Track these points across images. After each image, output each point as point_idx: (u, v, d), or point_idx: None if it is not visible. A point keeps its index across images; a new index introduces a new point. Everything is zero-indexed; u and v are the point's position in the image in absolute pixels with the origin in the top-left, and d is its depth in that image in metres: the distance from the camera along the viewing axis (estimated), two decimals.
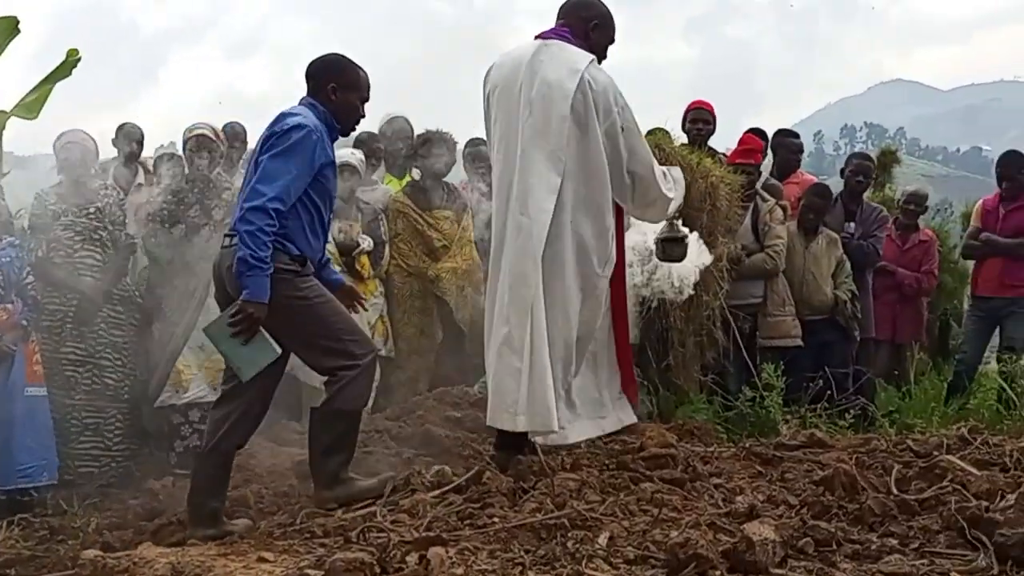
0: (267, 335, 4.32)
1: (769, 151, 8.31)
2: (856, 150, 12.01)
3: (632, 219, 5.24)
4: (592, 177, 4.59)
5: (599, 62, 4.75)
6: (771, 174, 8.28)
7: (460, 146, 7.64)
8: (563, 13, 4.84)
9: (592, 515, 3.63)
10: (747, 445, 4.82)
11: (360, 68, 4.72)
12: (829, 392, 6.76)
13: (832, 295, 7.47)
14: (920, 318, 8.73)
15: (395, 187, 7.61)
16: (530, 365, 4.47)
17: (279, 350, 4.37)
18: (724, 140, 8.19)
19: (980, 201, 8.53)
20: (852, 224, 7.96)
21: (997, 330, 8.27)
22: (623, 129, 4.60)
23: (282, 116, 4.46)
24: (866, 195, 8.48)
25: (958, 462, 4.13)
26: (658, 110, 8.30)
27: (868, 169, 8.40)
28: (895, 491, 3.89)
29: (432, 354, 7.38)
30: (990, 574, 3.12)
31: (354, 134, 6.42)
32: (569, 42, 4.68)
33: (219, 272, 4.53)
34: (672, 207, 5.01)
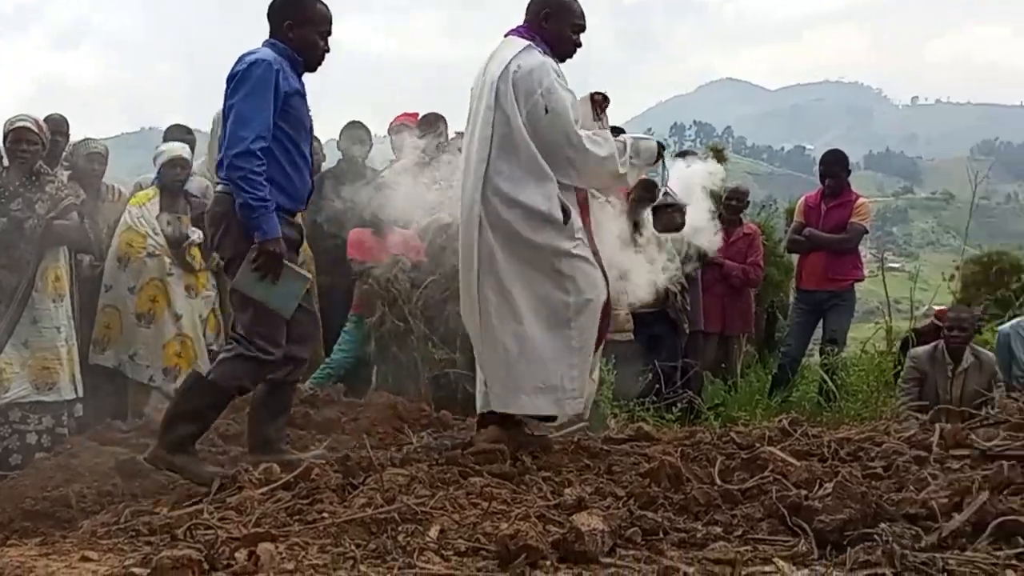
0: (292, 265, 4.48)
1: None
2: (685, 148, 12.23)
3: None
4: (521, 162, 4.59)
5: (566, 49, 4.88)
6: None
7: None
8: (526, 9, 4.89)
9: (422, 509, 3.57)
10: (575, 439, 4.83)
11: (319, 2, 4.72)
12: (658, 386, 6.87)
13: (662, 288, 7.54)
14: (749, 310, 8.97)
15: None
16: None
17: (308, 275, 4.57)
18: None
19: (803, 198, 8.82)
20: None
21: (821, 323, 8.57)
22: (547, 110, 4.58)
23: (241, 58, 4.53)
24: None
25: (779, 453, 4.23)
26: None
27: None
28: (719, 482, 3.97)
29: None
30: (810, 559, 3.21)
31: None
32: (523, 36, 4.77)
33: (210, 216, 4.69)
34: (624, 169, 4.85)
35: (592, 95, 4.90)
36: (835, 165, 8.42)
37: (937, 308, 8.99)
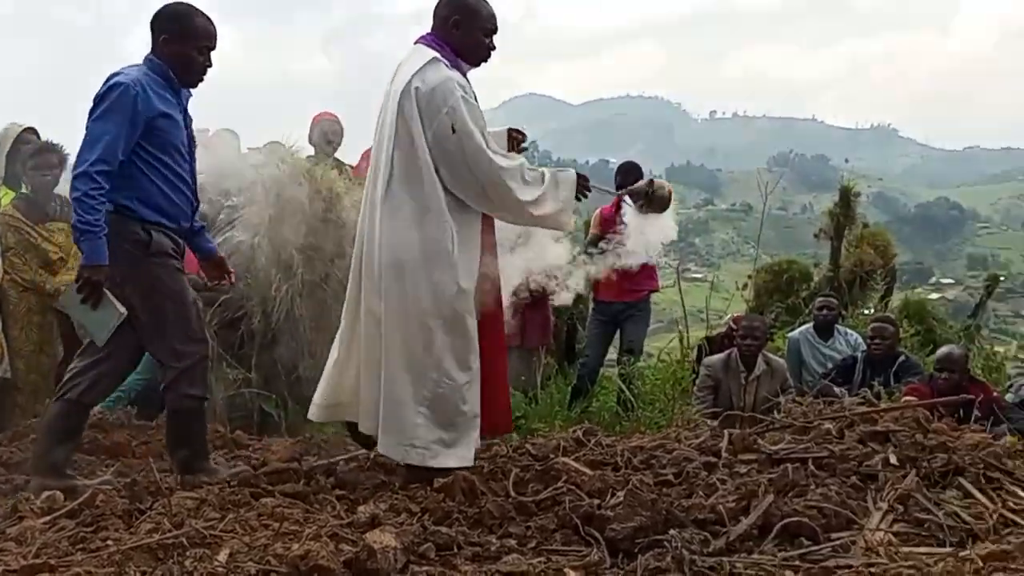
0: (111, 297, 4.35)
1: None
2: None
3: None
4: (423, 183, 4.35)
5: (477, 57, 4.63)
6: None
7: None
8: (433, 15, 4.65)
9: (212, 532, 3.46)
10: (371, 456, 4.76)
11: (197, 15, 4.55)
12: None
13: None
14: (548, 323, 9.02)
15: (6, 199, 7.08)
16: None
17: (124, 310, 4.38)
18: (354, 152, 8.24)
19: (599, 209, 8.94)
20: None
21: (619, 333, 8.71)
22: (454, 130, 4.33)
23: (107, 78, 4.40)
24: None
25: (572, 463, 4.27)
26: (300, 122, 8.25)
27: None
28: (513, 494, 3.97)
29: (52, 372, 6.86)
30: (603, 567, 3.26)
31: None
32: (430, 45, 4.53)
33: None
34: (547, 211, 4.58)
35: (510, 130, 4.84)
36: (630, 176, 8.56)
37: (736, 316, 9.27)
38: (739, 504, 3.64)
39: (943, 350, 7.07)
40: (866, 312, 11.39)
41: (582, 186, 4.70)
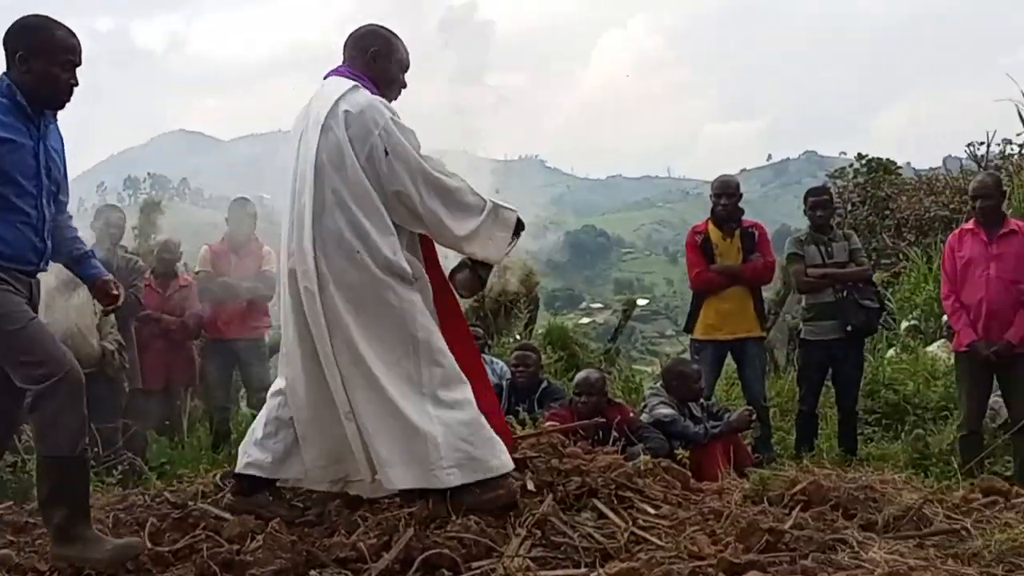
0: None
1: None
2: (142, 200, 11.90)
3: None
4: (359, 209, 4.06)
5: (396, 90, 4.46)
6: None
7: None
8: (345, 48, 4.45)
9: None
10: None
11: (57, 28, 4.00)
12: (96, 449, 6.51)
13: (99, 347, 7.22)
14: (192, 363, 8.74)
15: None
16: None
17: None
18: None
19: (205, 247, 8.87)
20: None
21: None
22: (387, 152, 4.07)
23: None
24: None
25: (212, 509, 4.14)
26: None
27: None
28: (150, 545, 3.80)
29: None
30: None
31: None
32: (347, 77, 4.29)
33: None
34: (471, 247, 4.32)
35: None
36: None
37: None
38: (380, 540, 3.66)
39: (581, 374, 7.33)
40: (511, 340, 11.71)
41: (519, 229, 4.45)
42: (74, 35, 4.07)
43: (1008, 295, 6.65)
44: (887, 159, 18.16)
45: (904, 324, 11.42)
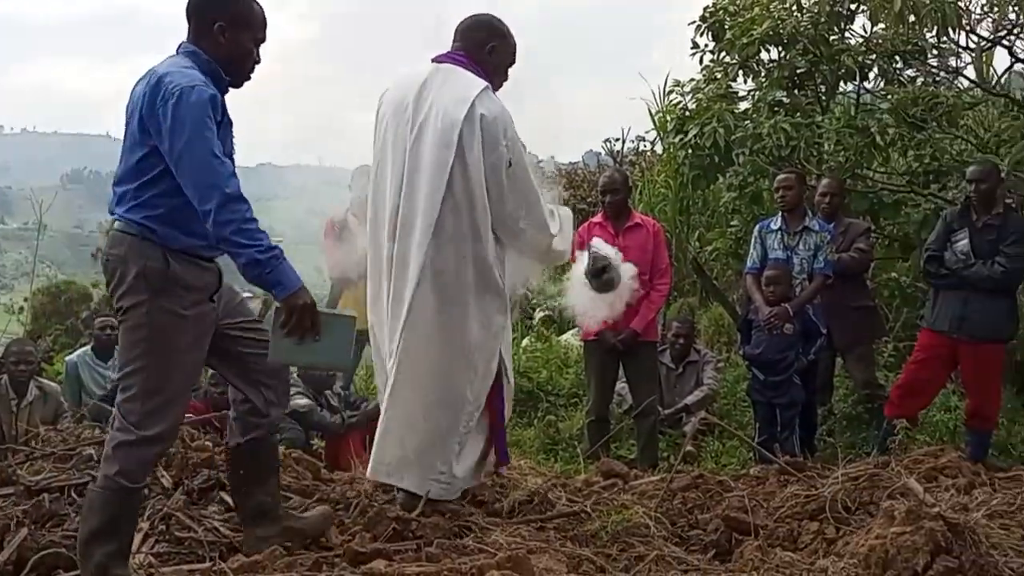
0: (329, 311, 3.61)
1: None
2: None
3: None
4: (474, 210, 4.26)
5: (499, 85, 4.51)
6: None
7: None
8: (459, 35, 4.53)
9: None
10: None
11: (255, 1, 3.70)
12: None
13: None
14: None
15: None
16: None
17: (354, 312, 3.68)
18: None
19: None
20: None
21: None
22: (510, 164, 4.27)
23: (159, 82, 3.41)
24: None
25: None
26: None
27: None
28: None
29: None
30: None
31: None
32: (464, 66, 4.40)
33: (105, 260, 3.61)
34: (558, 247, 4.67)
35: None
36: None
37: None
38: None
39: None
40: None
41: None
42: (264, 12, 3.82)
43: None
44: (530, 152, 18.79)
45: (539, 314, 11.86)
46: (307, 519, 3.95)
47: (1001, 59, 11.71)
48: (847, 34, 8.85)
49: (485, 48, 4.50)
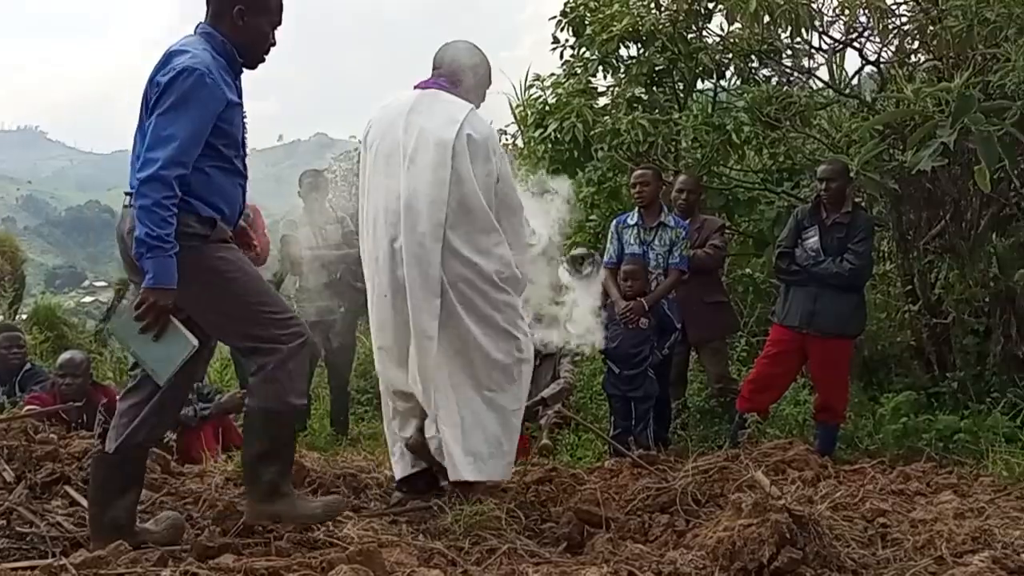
0: (180, 325, 3.63)
1: None
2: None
3: None
4: (474, 224, 4.51)
5: (478, 106, 4.73)
6: None
7: None
8: (438, 62, 4.78)
9: None
10: None
11: None
12: None
13: None
14: None
15: None
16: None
17: (196, 342, 3.66)
18: None
19: None
20: None
21: None
22: (499, 179, 4.57)
23: (168, 58, 3.62)
24: None
25: None
26: None
27: None
28: None
29: None
30: None
31: None
32: (446, 91, 4.65)
33: (121, 236, 3.77)
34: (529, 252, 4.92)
35: None
36: None
37: None
38: None
39: (64, 355, 7.06)
40: None
41: None
42: None
43: None
44: None
45: None
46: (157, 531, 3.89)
47: (852, 61, 12.05)
48: (704, 33, 9.01)
49: (463, 75, 4.76)
